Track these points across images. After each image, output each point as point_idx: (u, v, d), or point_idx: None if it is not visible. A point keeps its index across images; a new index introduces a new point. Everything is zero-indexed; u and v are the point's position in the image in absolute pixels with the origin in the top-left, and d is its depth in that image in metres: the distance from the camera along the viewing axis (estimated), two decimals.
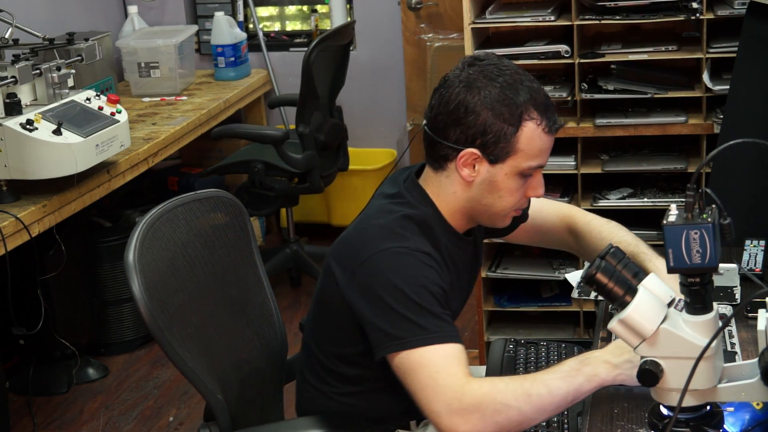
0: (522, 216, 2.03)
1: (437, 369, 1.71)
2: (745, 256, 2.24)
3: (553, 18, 3.17)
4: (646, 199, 3.26)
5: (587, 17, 3.13)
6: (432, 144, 1.89)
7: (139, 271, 1.91)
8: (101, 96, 3.19)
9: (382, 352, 1.77)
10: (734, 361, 1.83)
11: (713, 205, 1.48)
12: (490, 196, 1.88)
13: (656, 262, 2.05)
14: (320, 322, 1.97)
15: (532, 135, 1.83)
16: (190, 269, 1.99)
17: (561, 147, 3.29)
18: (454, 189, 1.89)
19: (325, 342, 1.96)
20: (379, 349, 1.78)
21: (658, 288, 1.52)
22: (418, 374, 1.73)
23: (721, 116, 3.00)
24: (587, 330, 3.35)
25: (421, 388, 1.72)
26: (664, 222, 1.45)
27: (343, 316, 1.86)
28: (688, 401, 1.49)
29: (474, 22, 3.19)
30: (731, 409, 1.64)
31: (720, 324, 1.48)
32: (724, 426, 1.57)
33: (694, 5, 3.03)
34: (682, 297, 1.50)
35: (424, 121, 1.91)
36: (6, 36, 3.05)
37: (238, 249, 2.13)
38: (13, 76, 2.91)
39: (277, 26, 5.03)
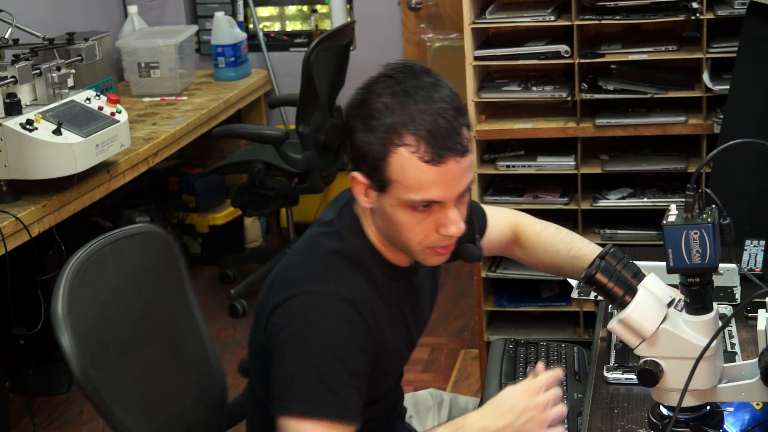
0: (469, 254, 1.86)
1: None
2: (745, 256, 2.24)
3: (553, 18, 3.17)
4: (646, 199, 3.26)
5: (587, 17, 3.13)
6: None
7: (69, 326, 1.74)
8: (101, 96, 3.19)
9: (271, 408, 1.64)
10: (734, 361, 1.83)
11: (713, 205, 1.48)
12: (391, 229, 1.68)
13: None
14: (252, 363, 1.84)
15: (405, 164, 1.59)
16: (123, 316, 1.83)
17: (561, 147, 3.29)
18: (367, 215, 1.73)
19: (260, 386, 1.80)
20: (271, 403, 1.65)
21: (658, 288, 1.52)
22: None
23: (721, 116, 3.00)
24: (587, 330, 3.35)
25: None
26: (664, 222, 1.45)
27: (265, 360, 1.71)
28: (688, 401, 1.49)
29: (474, 22, 3.19)
30: (731, 409, 1.64)
31: (720, 324, 1.48)
32: (724, 426, 1.57)
33: (694, 5, 3.03)
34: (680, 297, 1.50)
35: None
36: (6, 36, 3.05)
37: (171, 289, 1.97)
38: (13, 76, 2.91)
39: (277, 26, 5.03)
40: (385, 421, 1.90)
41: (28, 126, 2.84)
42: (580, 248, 2.06)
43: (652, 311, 1.49)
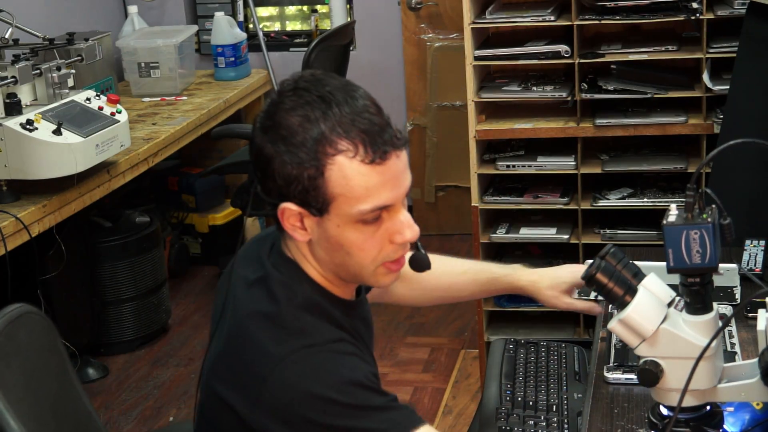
0: (419, 262, 1.69)
1: None
2: (745, 256, 2.24)
3: (553, 18, 3.17)
4: (646, 199, 3.26)
5: (587, 17, 3.13)
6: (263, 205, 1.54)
7: None
8: (101, 96, 3.19)
9: None
10: (734, 361, 1.83)
11: (713, 205, 1.48)
12: (338, 255, 1.50)
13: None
14: None
15: (346, 172, 1.43)
16: (17, 415, 1.56)
17: (561, 147, 3.29)
18: (303, 253, 1.53)
19: None
20: None
21: (658, 288, 1.52)
22: None
23: (721, 116, 3.00)
24: (587, 330, 3.35)
25: None
26: (664, 222, 1.45)
27: None
28: (688, 401, 1.49)
29: (474, 22, 3.19)
30: (731, 409, 1.64)
31: (720, 324, 1.48)
32: (724, 426, 1.57)
33: (694, 5, 3.03)
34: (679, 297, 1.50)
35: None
36: (6, 36, 3.05)
37: (58, 379, 1.73)
38: (13, 76, 2.91)
39: (277, 26, 5.03)
40: None
41: (28, 126, 2.84)
42: (463, 263, 1.99)
43: (652, 311, 1.49)
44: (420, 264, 1.72)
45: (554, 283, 1.97)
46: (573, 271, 1.97)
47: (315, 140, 1.43)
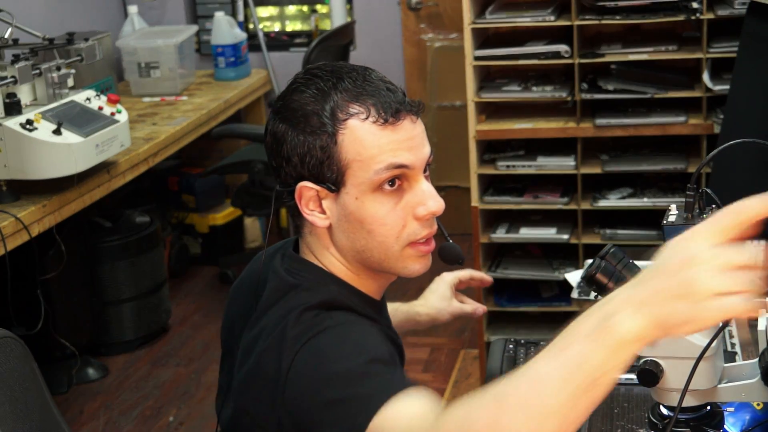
0: (451, 253, 1.61)
1: (405, 421, 1.26)
2: None
3: (553, 18, 3.17)
4: (646, 199, 3.26)
5: (587, 17, 3.13)
6: (279, 200, 1.50)
7: None
8: (101, 96, 3.19)
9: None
10: (734, 361, 1.83)
11: (713, 205, 1.48)
12: (359, 236, 1.43)
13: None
14: None
15: (358, 134, 1.40)
16: None
17: (561, 147, 3.29)
18: (325, 245, 1.47)
19: None
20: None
21: None
22: None
23: (721, 116, 3.00)
24: None
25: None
26: (664, 222, 1.45)
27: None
28: (689, 401, 1.49)
29: (474, 22, 3.19)
30: (731, 409, 1.64)
31: (720, 324, 1.48)
32: (725, 426, 1.57)
33: (694, 5, 3.03)
34: None
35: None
36: (6, 36, 3.05)
37: (40, 407, 1.67)
38: (12, 76, 2.91)
39: (277, 26, 5.03)
40: None
41: (28, 126, 2.84)
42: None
43: None
44: (451, 254, 1.65)
45: (440, 296, 1.94)
46: (444, 278, 1.95)
47: (325, 109, 1.41)
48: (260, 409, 1.40)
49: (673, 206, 1.48)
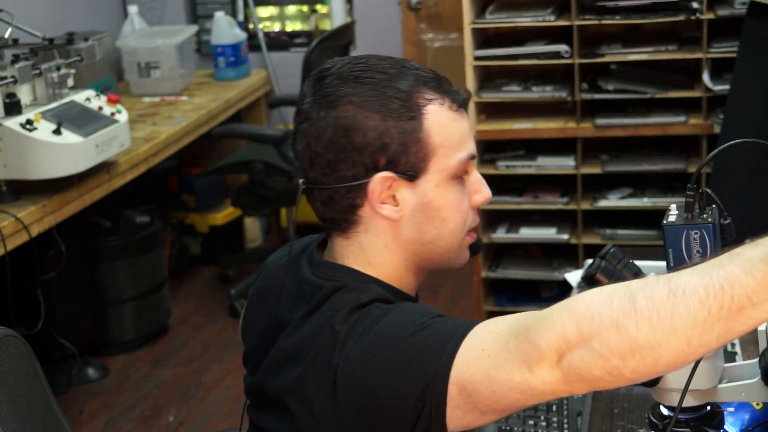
0: (476, 242, 1.50)
1: (484, 348, 1.20)
2: None
3: (552, 18, 3.17)
4: (646, 199, 3.26)
5: (587, 17, 3.13)
6: (327, 200, 1.40)
7: None
8: (101, 96, 3.19)
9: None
10: (734, 361, 1.83)
11: (713, 205, 1.48)
12: (431, 226, 1.39)
13: None
14: None
15: (441, 120, 1.37)
16: None
17: (561, 147, 3.29)
18: (384, 241, 1.40)
19: None
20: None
21: None
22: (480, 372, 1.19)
23: (721, 116, 3.00)
24: None
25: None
26: (664, 222, 1.45)
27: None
28: (689, 401, 1.49)
29: (474, 22, 3.19)
30: (731, 409, 1.64)
31: None
32: (725, 426, 1.57)
33: (694, 5, 3.03)
34: None
35: (300, 182, 1.41)
36: (6, 36, 3.05)
37: (43, 406, 1.66)
38: (12, 76, 2.91)
39: (277, 26, 5.03)
40: None
41: (27, 126, 2.84)
42: None
43: None
44: (476, 245, 1.58)
45: None
46: None
47: (404, 92, 1.35)
48: (319, 410, 1.30)
49: (673, 206, 1.48)
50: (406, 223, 1.39)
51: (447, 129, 1.37)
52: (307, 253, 1.48)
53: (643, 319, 1.03)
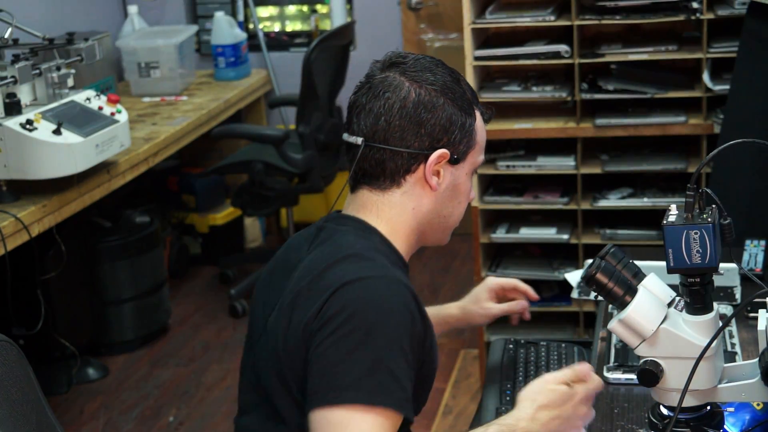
0: None
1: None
2: (745, 256, 2.24)
3: (553, 18, 3.17)
4: (646, 199, 3.26)
5: (587, 17, 3.13)
6: (381, 160, 1.62)
7: None
8: (101, 96, 3.19)
9: (313, 401, 1.48)
10: (734, 361, 1.83)
11: (713, 205, 1.48)
12: (451, 204, 1.68)
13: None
14: (277, 375, 1.60)
15: (480, 124, 1.69)
16: None
17: (561, 147, 3.29)
18: (414, 204, 1.65)
19: (291, 392, 1.58)
20: (313, 396, 1.48)
21: (658, 288, 1.52)
22: None
23: (721, 116, 3.00)
24: (587, 330, 3.35)
25: None
26: (664, 222, 1.45)
27: (299, 357, 1.54)
28: (689, 401, 1.49)
29: (474, 22, 3.19)
30: (731, 409, 1.64)
31: (720, 324, 1.48)
32: (725, 426, 1.57)
33: (694, 5, 3.03)
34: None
35: (356, 139, 1.64)
36: (6, 36, 3.05)
37: (36, 412, 1.68)
38: (12, 76, 2.91)
39: (277, 26, 5.03)
40: None
41: (28, 126, 2.84)
42: None
43: (652, 311, 1.49)
44: None
45: (474, 299, 2.08)
46: (486, 282, 2.10)
47: (465, 95, 1.66)
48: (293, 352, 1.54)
49: (673, 206, 1.48)
50: (438, 196, 1.66)
51: (483, 132, 1.70)
52: (331, 217, 1.70)
53: None
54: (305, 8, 4.97)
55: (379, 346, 1.47)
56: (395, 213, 1.65)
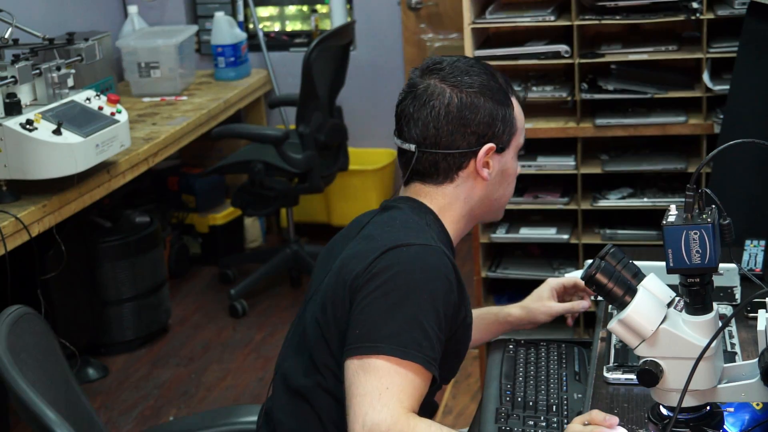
0: None
1: (389, 388, 1.58)
2: (745, 256, 2.24)
3: (553, 18, 3.17)
4: (646, 199, 3.26)
5: (587, 17, 3.13)
6: (435, 162, 1.78)
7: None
8: (101, 96, 3.19)
9: (349, 351, 1.63)
10: (734, 361, 1.83)
11: (713, 205, 1.48)
12: (502, 187, 1.85)
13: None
14: (320, 341, 1.75)
15: (518, 109, 1.84)
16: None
17: (561, 147, 3.29)
18: (465, 195, 1.82)
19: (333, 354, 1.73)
20: (350, 346, 1.63)
21: (658, 288, 1.52)
22: (368, 383, 1.59)
23: (721, 116, 3.00)
24: (587, 330, 3.35)
25: (363, 393, 1.58)
26: (664, 222, 1.45)
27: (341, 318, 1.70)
28: (688, 401, 1.49)
29: (474, 22, 3.19)
30: (731, 409, 1.64)
31: (720, 324, 1.48)
32: (724, 426, 1.57)
33: (694, 5, 3.03)
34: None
35: (409, 146, 1.79)
36: (6, 36, 3.05)
37: (63, 380, 1.79)
38: (12, 76, 2.91)
39: (277, 26, 5.03)
40: None
41: (28, 126, 2.84)
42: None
43: (652, 311, 1.49)
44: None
45: (537, 297, 2.16)
46: (548, 281, 2.18)
47: (501, 87, 1.80)
48: (338, 295, 1.70)
49: (673, 206, 1.48)
50: (489, 184, 1.81)
51: (520, 116, 1.84)
52: (390, 200, 1.85)
53: None
54: (305, 8, 4.97)
55: (417, 305, 1.62)
56: (447, 202, 1.81)
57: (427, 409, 1.79)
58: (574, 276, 2.26)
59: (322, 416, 1.74)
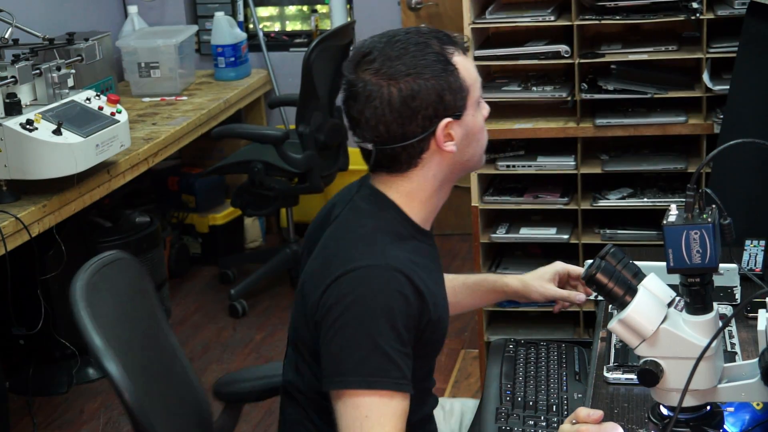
0: None
1: (368, 416, 1.62)
2: (745, 256, 2.24)
3: (553, 18, 3.17)
4: (646, 199, 3.26)
5: (587, 17, 3.13)
6: (395, 155, 1.73)
7: (112, 354, 1.67)
8: (101, 96, 3.19)
9: (324, 385, 1.68)
10: (734, 361, 1.83)
11: (713, 205, 1.48)
12: (471, 147, 1.78)
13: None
14: (297, 356, 1.82)
15: (463, 65, 1.74)
16: (128, 346, 1.80)
17: (561, 147, 3.29)
18: (434, 171, 1.76)
19: (309, 376, 1.80)
20: (325, 380, 1.68)
21: (658, 288, 1.52)
22: (348, 415, 1.63)
23: (721, 116, 3.00)
24: (587, 330, 3.35)
25: (346, 426, 1.63)
26: (664, 222, 1.45)
27: (312, 345, 1.75)
28: (689, 401, 1.49)
29: (474, 22, 3.19)
30: (731, 409, 1.64)
31: (720, 324, 1.48)
32: (724, 426, 1.57)
33: (694, 5, 3.03)
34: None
35: (367, 146, 1.76)
36: (6, 36, 3.05)
37: (148, 318, 1.95)
38: (13, 76, 2.91)
39: (277, 26, 5.03)
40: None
41: (28, 126, 2.84)
42: (459, 276, 2.21)
43: (653, 311, 1.49)
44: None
45: (538, 275, 2.14)
46: (556, 264, 2.16)
47: (436, 54, 1.70)
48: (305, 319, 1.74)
49: (673, 206, 1.48)
50: (456, 152, 1.75)
51: (469, 70, 1.75)
52: (364, 183, 1.83)
53: None
54: (305, 8, 4.97)
55: (376, 331, 1.62)
56: (415, 186, 1.77)
57: (427, 403, 1.84)
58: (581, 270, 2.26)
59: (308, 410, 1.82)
